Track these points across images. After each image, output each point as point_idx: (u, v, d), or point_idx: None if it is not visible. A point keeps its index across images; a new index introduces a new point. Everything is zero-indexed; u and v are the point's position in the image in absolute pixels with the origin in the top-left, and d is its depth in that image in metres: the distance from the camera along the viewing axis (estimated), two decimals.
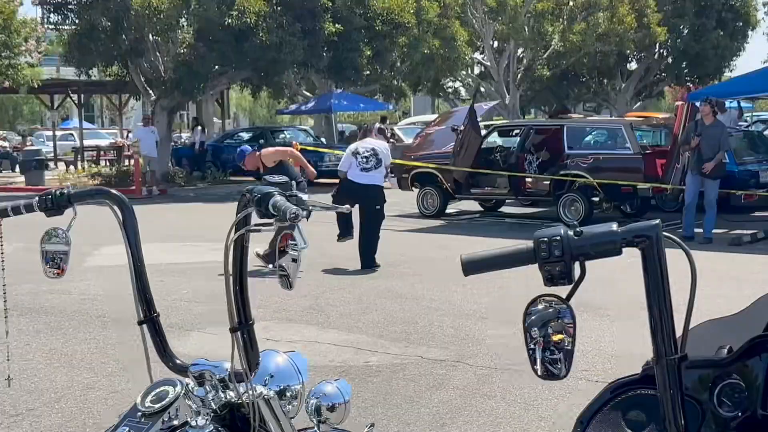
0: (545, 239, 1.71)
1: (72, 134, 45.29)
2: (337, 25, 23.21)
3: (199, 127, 28.28)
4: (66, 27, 24.63)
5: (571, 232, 1.72)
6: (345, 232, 11.89)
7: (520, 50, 41.53)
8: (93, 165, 30.54)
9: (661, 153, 15.35)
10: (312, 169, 12.12)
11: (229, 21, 21.49)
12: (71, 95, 33.28)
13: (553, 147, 16.09)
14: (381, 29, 25.22)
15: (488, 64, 42.45)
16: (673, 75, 42.59)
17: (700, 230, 13.50)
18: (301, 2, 22.59)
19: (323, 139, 31.92)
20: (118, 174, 25.51)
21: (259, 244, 11.22)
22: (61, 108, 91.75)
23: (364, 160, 11.30)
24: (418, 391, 6.37)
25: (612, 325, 8.30)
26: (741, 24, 39.64)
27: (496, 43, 43.09)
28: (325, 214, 15.67)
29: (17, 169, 30.03)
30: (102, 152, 34.18)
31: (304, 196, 2.75)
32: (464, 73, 41.53)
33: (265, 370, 2.52)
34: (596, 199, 15.77)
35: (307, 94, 34.66)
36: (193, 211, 19.78)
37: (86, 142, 36.86)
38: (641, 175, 14.90)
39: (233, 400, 2.41)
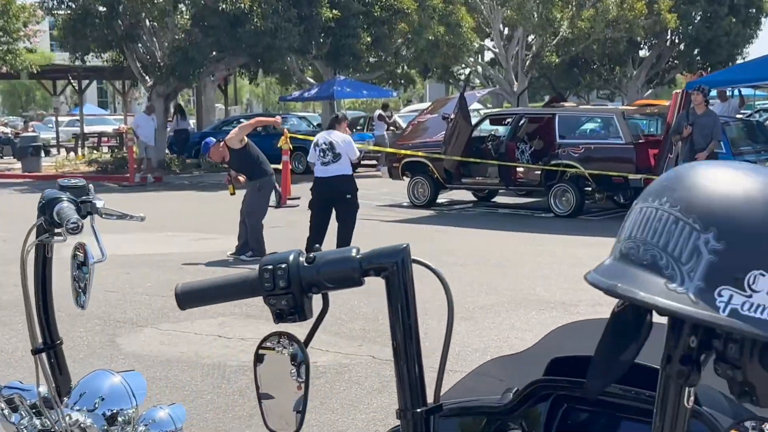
0: (269, 267, 1.42)
1: (75, 120, 45.23)
2: (334, 11, 22.81)
3: (177, 115, 27.97)
4: (61, 12, 24.35)
5: (302, 258, 1.43)
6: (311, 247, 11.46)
7: (530, 37, 41.14)
8: (94, 151, 30.32)
9: (655, 143, 14.96)
10: (275, 119, 12.61)
11: (224, 6, 21.16)
12: (72, 81, 33.03)
13: (544, 136, 15.73)
14: (380, 15, 24.81)
15: (496, 50, 42.07)
16: (684, 62, 42.13)
17: None
18: None
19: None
20: (116, 161, 25.31)
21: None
22: (74, 94, 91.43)
23: (321, 153, 10.80)
24: (359, 395, 6.08)
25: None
26: (754, 11, 39.17)
27: (506, 30, 42.70)
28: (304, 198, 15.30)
29: None
30: (106, 138, 33.97)
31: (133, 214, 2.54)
32: (471, 59, 41.14)
33: (95, 391, 2.30)
34: (588, 189, 15.41)
35: (311, 81, 34.37)
36: (184, 200, 19.51)
37: (93, 128, 36.70)
38: (633, 165, 14.53)
39: (48, 427, 2.18)
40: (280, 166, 16.48)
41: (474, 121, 17.30)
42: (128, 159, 23.15)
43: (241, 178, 11.19)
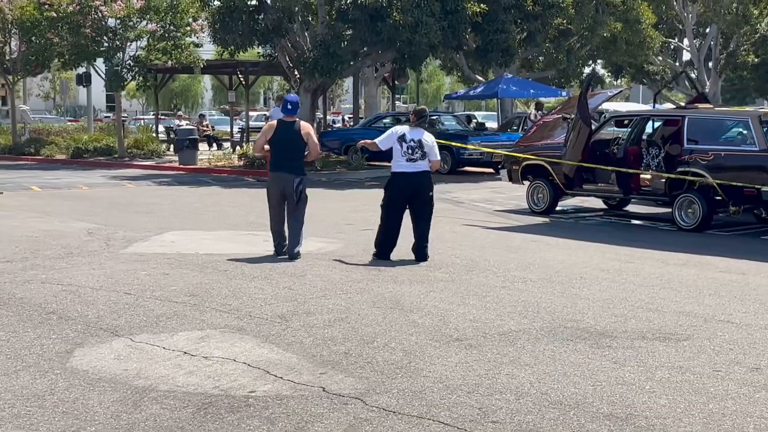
0: None
1: (265, 114, 45.92)
2: (482, 5, 21.67)
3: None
4: (217, 3, 24.40)
5: None
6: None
7: (734, 35, 38.59)
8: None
9: None
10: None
11: (362, 0, 20.50)
12: (239, 76, 33.35)
13: (672, 140, 14.19)
14: (533, 9, 23.50)
15: (688, 49, 39.81)
16: None
17: None
18: None
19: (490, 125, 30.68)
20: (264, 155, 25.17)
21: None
22: (269, 90, 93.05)
23: (410, 150, 10.71)
24: None
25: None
26: None
27: (707, 29, 40.29)
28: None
29: None
30: None
31: None
32: (659, 59, 38.93)
33: None
34: (720, 200, 13.69)
35: (480, 78, 33.47)
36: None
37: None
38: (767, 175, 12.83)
39: None
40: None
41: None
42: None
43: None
